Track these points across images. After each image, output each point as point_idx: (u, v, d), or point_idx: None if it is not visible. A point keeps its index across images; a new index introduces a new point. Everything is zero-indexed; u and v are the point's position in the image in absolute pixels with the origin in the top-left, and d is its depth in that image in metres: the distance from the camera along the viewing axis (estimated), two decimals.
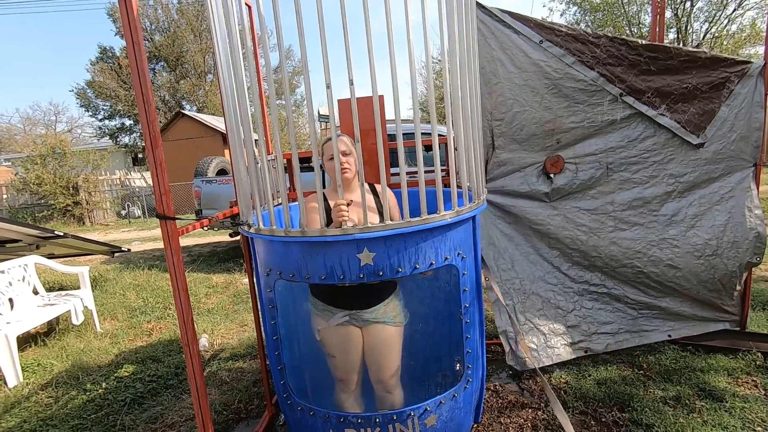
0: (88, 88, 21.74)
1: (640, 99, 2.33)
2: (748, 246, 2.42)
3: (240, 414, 2.47)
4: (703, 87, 2.32)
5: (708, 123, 2.35)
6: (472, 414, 1.92)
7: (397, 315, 1.82)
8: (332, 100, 1.41)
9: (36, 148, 13.87)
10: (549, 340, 2.54)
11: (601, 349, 2.58)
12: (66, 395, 2.81)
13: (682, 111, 2.34)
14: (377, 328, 1.78)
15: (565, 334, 2.56)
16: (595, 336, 2.57)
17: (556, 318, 2.56)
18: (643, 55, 2.28)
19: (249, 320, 3.92)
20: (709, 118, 2.35)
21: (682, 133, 2.35)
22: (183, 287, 1.60)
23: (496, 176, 2.50)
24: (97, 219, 13.63)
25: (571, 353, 2.55)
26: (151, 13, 20.94)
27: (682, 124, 2.35)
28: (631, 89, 2.32)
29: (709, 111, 2.35)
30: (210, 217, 1.96)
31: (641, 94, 2.33)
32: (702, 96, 2.33)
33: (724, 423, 2.02)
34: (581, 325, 2.57)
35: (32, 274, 3.90)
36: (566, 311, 2.56)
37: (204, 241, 8.40)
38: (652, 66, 2.29)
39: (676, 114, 2.35)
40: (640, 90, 2.33)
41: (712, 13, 14.49)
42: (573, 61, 2.30)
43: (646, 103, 2.34)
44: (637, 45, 2.26)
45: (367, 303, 1.76)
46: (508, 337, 2.51)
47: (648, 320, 2.58)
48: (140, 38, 1.43)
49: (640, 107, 2.34)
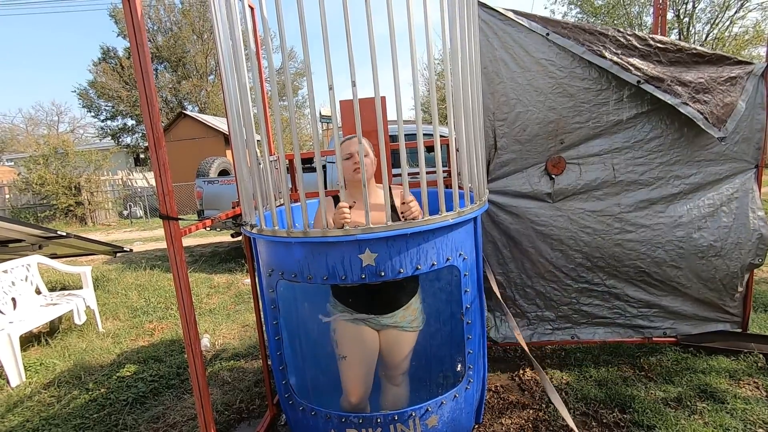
0: (90, 88, 21.81)
1: (659, 87, 2.18)
2: (751, 247, 2.42)
3: (242, 414, 2.47)
4: (718, 80, 2.22)
5: (728, 116, 2.22)
6: (473, 414, 1.92)
7: (415, 319, 1.81)
8: (334, 102, 1.42)
9: (39, 148, 13.94)
10: (532, 322, 2.68)
11: (587, 338, 2.65)
12: (68, 395, 2.82)
13: (704, 101, 2.18)
14: (394, 333, 1.78)
15: (553, 321, 2.67)
16: (584, 326, 2.66)
17: (548, 308, 2.65)
18: (652, 46, 2.20)
19: (250, 320, 3.93)
20: (729, 111, 2.22)
21: (705, 125, 2.18)
22: (186, 287, 1.61)
23: (498, 176, 2.50)
24: (99, 219, 13.67)
25: (552, 336, 2.67)
26: (154, 14, 21.00)
27: (705, 114, 2.18)
28: (650, 77, 2.18)
29: (729, 104, 2.21)
30: (213, 217, 1.97)
31: (660, 81, 2.18)
32: (720, 88, 2.21)
33: (725, 424, 2.02)
34: (571, 316, 2.65)
35: (35, 274, 3.92)
36: (560, 304, 2.63)
37: (206, 242, 8.41)
38: (663, 58, 2.21)
39: (698, 104, 2.18)
40: (658, 78, 2.18)
41: (714, 15, 14.47)
42: (583, 51, 2.23)
43: (667, 91, 2.17)
44: (645, 36, 2.22)
45: (386, 308, 1.75)
46: (495, 316, 2.69)
47: (646, 319, 2.59)
48: (144, 39, 1.44)
49: (662, 95, 2.17)
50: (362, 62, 1.30)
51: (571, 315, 2.63)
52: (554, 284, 2.59)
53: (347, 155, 1.75)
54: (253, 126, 1.60)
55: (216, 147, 14.58)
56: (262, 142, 2.13)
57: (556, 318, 2.65)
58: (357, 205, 1.75)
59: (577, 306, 2.61)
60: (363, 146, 1.76)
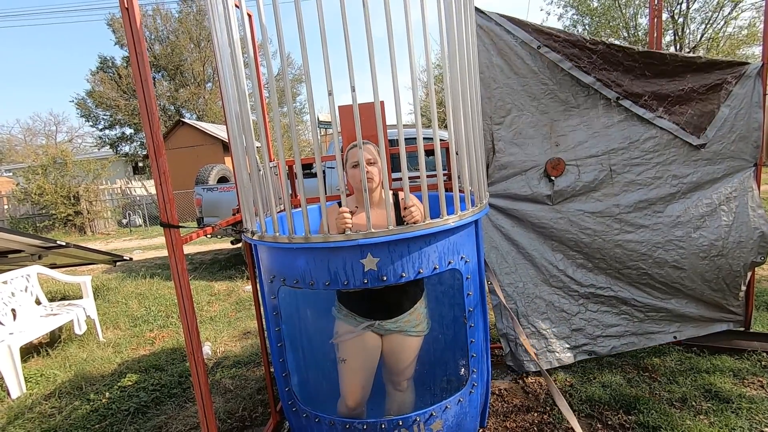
0: (88, 98, 21.84)
1: (637, 102, 2.35)
2: (753, 245, 2.42)
3: (245, 422, 2.46)
4: (699, 89, 2.33)
5: (708, 123, 2.36)
6: (477, 419, 1.91)
7: (419, 324, 1.80)
8: (334, 107, 1.42)
9: (37, 158, 13.92)
10: (551, 344, 2.54)
11: (605, 353, 2.57)
12: (69, 405, 2.80)
13: (680, 113, 2.35)
14: (398, 338, 1.77)
15: (569, 338, 2.56)
16: (600, 339, 2.56)
17: (560, 321, 2.55)
18: (639, 61, 2.30)
19: (251, 328, 3.91)
20: (710, 119, 2.35)
21: (681, 134, 2.35)
22: (187, 295, 1.60)
23: (497, 180, 2.51)
24: (98, 228, 13.64)
25: (574, 357, 2.55)
26: (151, 23, 21.09)
27: (681, 125, 2.35)
28: (628, 93, 2.34)
29: (708, 112, 2.35)
30: (213, 225, 1.96)
31: (638, 97, 2.34)
32: (699, 98, 2.34)
33: (731, 424, 2.01)
34: (586, 329, 2.56)
35: (35, 284, 3.90)
36: (571, 314, 2.56)
37: (206, 249, 8.39)
38: (647, 71, 2.32)
39: (674, 116, 2.35)
40: (636, 93, 2.34)
41: (708, 15, 14.57)
42: (570, 66, 2.32)
43: (644, 106, 2.35)
44: (633, 52, 2.29)
45: (390, 313, 1.74)
46: (508, 339, 2.56)
47: (654, 323, 2.57)
48: (143, 48, 1.44)
49: (637, 110, 2.35)
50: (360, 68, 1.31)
51: (585, 327, 2.55)
52: (561, 291, 2.55)
53: (355, 163, 1.71)
54: (253, 132, 1.60)
55: (214, 154, 14.59)
56: (261, 149, 2.13)
57: (571, 333, 2.55)
58: (360, 209, 1.75)
59: (587, 314, 2.55)
60: (371, 152, 1.77)
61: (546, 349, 2.54)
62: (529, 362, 2.56)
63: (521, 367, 2.56)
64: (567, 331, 2.56)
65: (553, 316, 2.55)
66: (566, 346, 2.55)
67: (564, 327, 2.56)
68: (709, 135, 2.36)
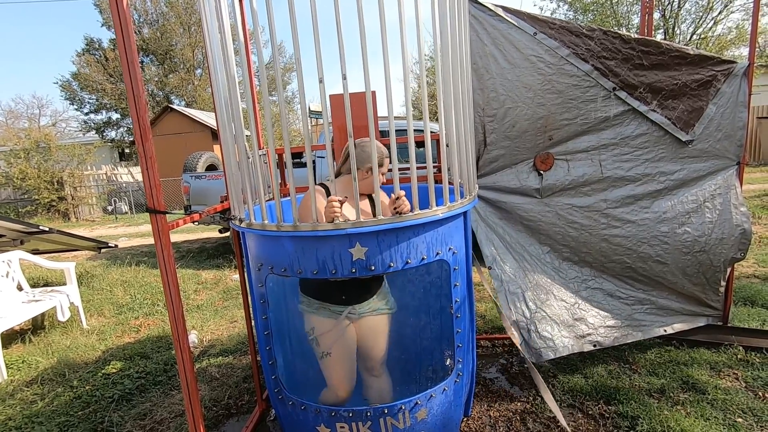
0: (73, 80, 21.30)
1: (632, 94, 2.35)
2: (734, 242, 2.47)
3: (230, 410, 2.46)
4: (692, 84, 2.35)
5: (696, 120, 2.39)
6: (462, 407, 1.94)
7: (387, 302, 1.89)
8: (325, 95, 1.41)
9: (19, 141, 13.57)
10: (562, 330, 2.45)
11: (609, 343, 2.50)
12: (52, 392, 2.77)
13: (672, 108, 2.37)
14: (371, 320, 1.82)
15: (573, 326, 2.51)
16: (601, 329, 2.54)
17: (562, 309, 2.53)
18: (636, 48, 2.29)
19: (238, 316, 3.90)
20: (698, 116, 2.39)
21: (672, 129, 2.38)
22: (173, 282, 1.59)
23: (487, 172, 2.52)
24: (82, 215, 13.41)
25: (581, 346, 2.48)
26: (140, 5, 20.57)
27: (673, 120, 2.38)
28: (625, 84, 2.34)
29: (697, 108, 2.38)
30: (200, 212, 1.94)
31: (634, 89, 2.35)
32: (691, 93, 2.36)
33: (706, 414, 2.07)
34: (587, 318, 2.53)
35: (16, 270, 3.83)
36: (570, 304, 2.55)
37: (193, 237, 8.31)
38: (645, 60, 2.31)
39: (666, 110, 2.37)
40: (633, 85, 2.34)
41: (698, 15, 14.71)
42: (567, 54, 2.30)
43: (639, 99, 2.36)
44: (630, 39, 2.28)
45: (362, 297, 1.79)
46: (519, 327, 2.39)
47: (643, 315, 2.60)
48: (130, 31, 1.41)
49: (633, 102, 2.35)
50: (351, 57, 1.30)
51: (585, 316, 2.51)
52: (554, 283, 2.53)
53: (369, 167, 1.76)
54: (242, 120, 1.58)
55: (203, 142, 14.36)
56: (251, 136, 2.11)
57: (574, 321, 2.49)
58: (349, 199, 1.75)
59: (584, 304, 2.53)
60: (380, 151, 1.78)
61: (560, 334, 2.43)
62: (546, 349, 2.39)
63: (539, 356, 2.37)
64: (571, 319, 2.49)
65: (555, 304, 2.51)
66: (573, 334, 2.47)
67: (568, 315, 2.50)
68: (696, 131, 2.39)
